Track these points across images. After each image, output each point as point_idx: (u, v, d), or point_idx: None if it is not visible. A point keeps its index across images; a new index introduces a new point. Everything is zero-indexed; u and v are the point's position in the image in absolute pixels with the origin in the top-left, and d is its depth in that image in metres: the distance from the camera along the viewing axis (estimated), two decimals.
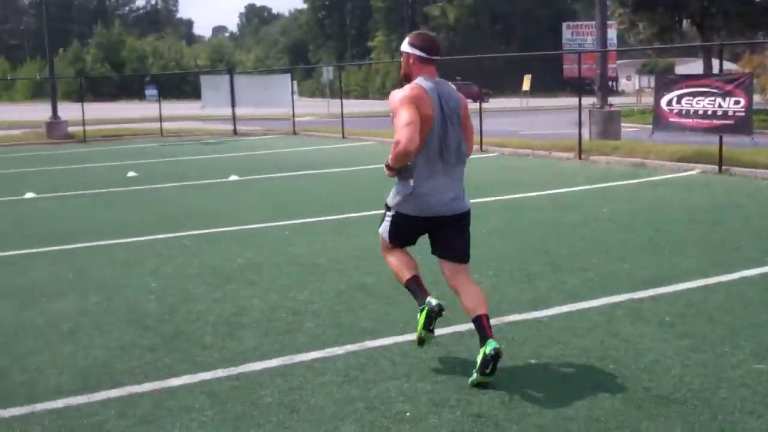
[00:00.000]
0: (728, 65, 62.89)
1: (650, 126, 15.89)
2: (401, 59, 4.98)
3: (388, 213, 5.19)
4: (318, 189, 13.22)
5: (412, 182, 4.86)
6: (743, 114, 13.20)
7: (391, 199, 5.08)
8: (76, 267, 7.88)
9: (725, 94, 13.34)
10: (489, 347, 4.59)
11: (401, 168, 4.82)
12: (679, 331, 5.56)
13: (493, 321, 5.76)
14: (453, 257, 5.12)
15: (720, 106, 13.41)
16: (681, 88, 14.12)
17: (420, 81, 4.83)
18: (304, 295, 6.64)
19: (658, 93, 14.64)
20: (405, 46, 4.94)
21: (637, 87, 68.09)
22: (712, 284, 6.77)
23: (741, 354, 5.10)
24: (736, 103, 13.19)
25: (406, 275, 5.17)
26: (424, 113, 4.70)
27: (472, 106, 19.65)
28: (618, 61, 70.66)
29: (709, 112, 13.61)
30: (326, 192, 12.80)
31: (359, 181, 14.06)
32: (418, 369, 4.96)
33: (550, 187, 12.64)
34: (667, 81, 14.77)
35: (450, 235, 5.08)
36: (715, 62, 19.66)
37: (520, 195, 11.93)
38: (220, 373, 4.95)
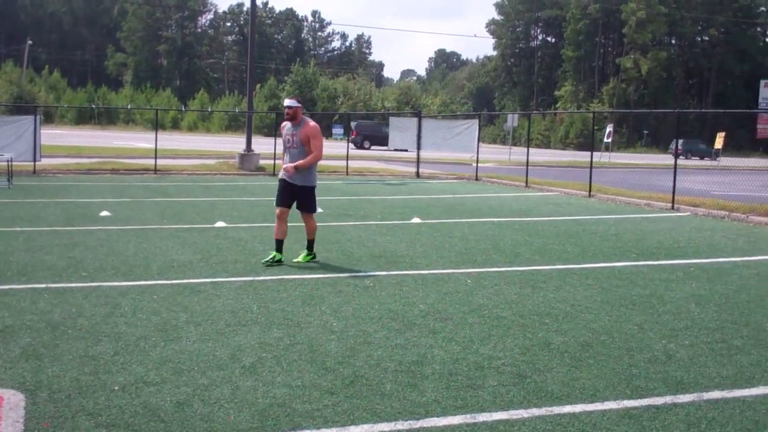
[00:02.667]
0: None
1: None
2: (293, 107, 9.80)
3: (314, 192, 10.04)
4: (501, 237, 12.96)
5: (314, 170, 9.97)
6: None
7: (311, 181, 9.97)
8: (260, 299, 7.98)
9: None
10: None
11: (311, 166, 9.85)
12: None
13: (691, 397, 5.39)
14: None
15: None
16: None
17: (309, 118, 9.98)
18: (487, 349, 6.41)
19: None
20: (294, 102, 9.85)
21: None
22: None
23: None
24: None
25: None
26: None
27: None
28: None
29: None
30: (510, 241, 12.52)
31: (543, 232, 13.70)
32: None
33: (750, 254, 11.83)
34: None
35: None
36: None
37: (718, 260, 11.22)
38: (400, 425, 4.78)
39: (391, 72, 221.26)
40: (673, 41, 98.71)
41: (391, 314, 7.49)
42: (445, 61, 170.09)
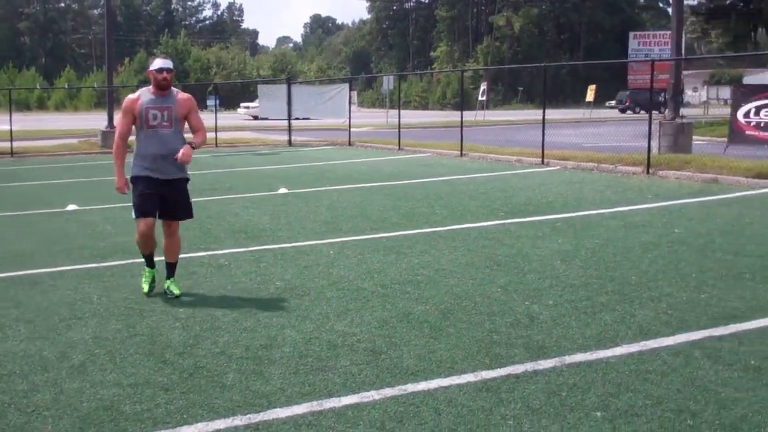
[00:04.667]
0: None
1: (720, 139, 14.96)
2: (172, 71, 6.97)
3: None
4: (369, 203, 12.59)
5: None
6: None
7: (186, 170, 7.14)
8: (102, 288, 7.36)
9: None
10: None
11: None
12: (767, 378, 4.80)
13: (552, 362, 5.12)
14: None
15: None
16: (760, 99, 13.18)
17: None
18: (343, 326, 6.01)
19: (735, 104, 13.71)
20: (171, 65, 7.02)
21: (703, 99, 66.16)
22: None
23: None
24: None
25: None
26: None
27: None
28: (684, 72, 68.86)
29: None
30: (378, 207, 12.16)
31: (412, 196, 13.40)
32: (466, 420, 4.27)
33: (617, 205, 11.82)
34: (744, 92, 13.83)
35: None
36: None
37: (585, 212, 11.15)
38: (238, 421, 4.33)
39: (266, 40, 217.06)
40: None
41: (244, 294, 7.02)
42: (321, 27, 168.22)
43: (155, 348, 5.58)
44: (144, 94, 6.95)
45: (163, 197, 6.90)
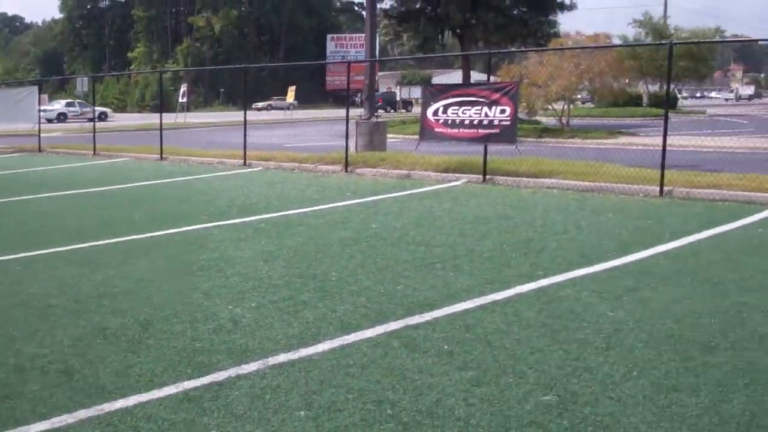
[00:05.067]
0: (479, 76, 65.70)
1: (413, 137, 15.77)
2: None
3: None
4: (62, 213, 11.89)
5: None
6: (509, 123, 13.27)
7: None
8: None
9: (492, 103, 13.35)
10: None
11: None
12: (459, 361, 5.08)
13: (255, 365, 5.08)
14: None
15: (486, 115, 13.41)
16: (447, 98, 14.00)
17: None
18: (32, 348, 5.58)
19: (425, 103, 14.46)
20: None
21: (397, 98, 69.67)
22: (487, 304, 6.41)
23: (526, 385, 4.68)
24: (502, 112, 13.23)
25: None
26: None
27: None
28: (379, 73, 71.95)
29: (476, 122, 13.58)
30: (74, 215, 11.52)
31: (110, 203, 12.84)
32: None
33: (319, 203, 12.06)
34: (433, 91, 14.63)
35: None
36: (474, 74, 19.93)
37: (288, 212, 11.25)
38: None
39: None
40: None
41: None
42: (8, 26, 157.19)
43: None
44: None
45: None
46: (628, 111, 40.84)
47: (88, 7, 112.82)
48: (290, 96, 51.47)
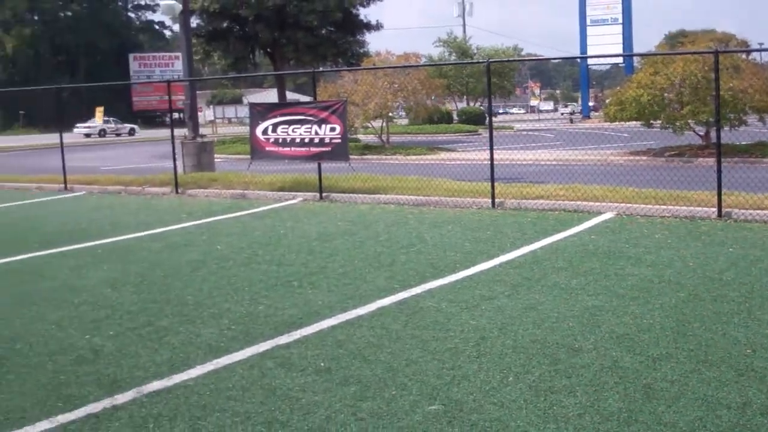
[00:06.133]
0: (293, 95, 65.80)
1: (239, 156, 15.60)
2: None
3: None
4: None
5: None
6: (339, 141, 13.38)
7: None
8: None
9: (321, 122, 13.42)
10: None
11: None
12: (338, 377, 5.10)
13: (130, 394, 4.91)
14: None
15: (317, 133, 13.46)
16: (276, 117, 13.95)
17: None
18: None
19: (253, 122, 14.34)
20: None
21: (210, 118, 68.63)
22: (353, 319, 6.46)
23: (409, 396, 4.76)
24: (332, 129, 13.32)
25: None
26: None
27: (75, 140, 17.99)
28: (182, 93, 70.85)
29: (307, 140, 13.61)
30: None
31: None
32: None
33: (154, 227, 11.69)
34: (261, 110, 14.53)
35: None
36: (289, 94, 19.97)
37: (124, 237, 10.85)
38: None
39: None
40: (36, 17, 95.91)
41: None
42: None
43: None
44: None
45: None
46: (441, 128, 42.09)
47: None
48: (99, 117, 49.63)
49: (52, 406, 4.78)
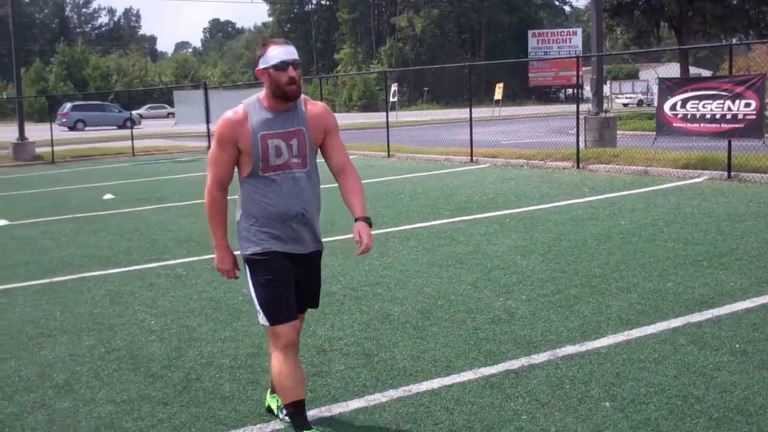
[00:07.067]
0: (696, 70, 62.93)
1: (637, 132, 15.32)
2: (299, 77, 3.98)
3: None
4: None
5: None
6: (754, 117, 12.68)
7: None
8: (62, 303, 7.10)
9: (735, 97, 12.82)
10: None
11: None
12: (755, 360, 4.95)
13: (545, 355, 5.16)
14: None
15: (729, 109, 12.88)
16: (686, 92, 13.56)
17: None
18: (325, 330, 5.94)
19: (662, 97, 14.07)
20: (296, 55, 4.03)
21: (606, 93, 67.88)
22: None
23: None
24: (747, 105, 12.66)
25: None
26: None
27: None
28: (582, 68, 70.65)
29: (718, 116, 13.08)
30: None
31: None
32: (479, 418, 4.25)
33: (557, 199, 12.01)
34: (670, 85, 14.20)
35: None
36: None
37: (529, 208, 11.29)
38: (250, 431, 4.24)
39: (165, 45, 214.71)
40: None
41: (213, 304, 6.86)
42: (221, 31, 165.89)
43: (138, 362, 5.41)
44: (254, 110, 4.00)
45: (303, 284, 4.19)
46: None
47: (296, 10, 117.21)
48: (498, 93, 51.30)
49: (474, 359, 5.20)
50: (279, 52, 3.93)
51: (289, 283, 4.01)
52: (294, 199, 4.03)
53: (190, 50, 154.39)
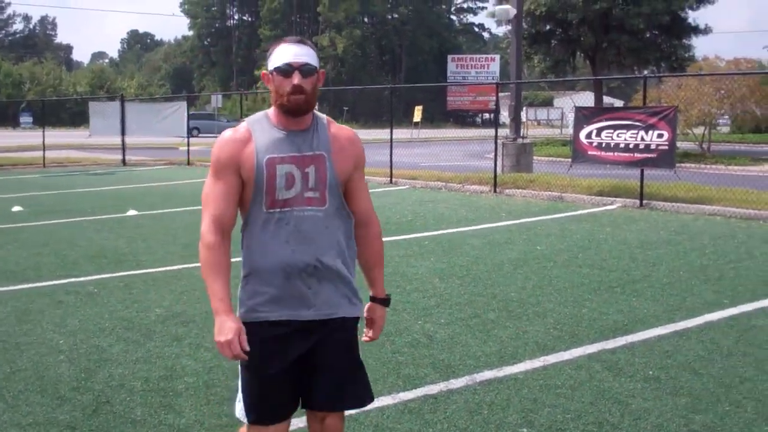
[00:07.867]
0: (609, 99, 64.52)
1: (552, 159, 15.62)
2: (315, 69, 3.10)
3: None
4: None
5: None
6: (667, 147, 13.04)
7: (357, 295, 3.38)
8: None
9: (648, 128, 13.17)
10: None
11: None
12: (668, 387, 5.04)
13: (464, 380, 5.17)
14: None
15: (643, 139, 13.23)
16: (601, 121, 13.89)
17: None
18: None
19: (578, 126, 14.38)
20: (315, 57, 3.13)
21: (523, 119, 69.06)
22: (680, 330, 6.32)
23: (744, 414, 4.60)
24: (660, 136, 13.02)
25: None
26: None
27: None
28: (500, 94, 71.74)
29: (631, 146, 13.42)
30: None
31: None
32: None
33: (475, 223, 12.11)
34: (587, 114, 14.53)
35: None
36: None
37: (447, 231, 11.35)
38: None
39: (81, 55, 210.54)
40: (366, 20, 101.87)
41: (125, 323, 6.66)
42: (139, 42, 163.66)
43: (45, 384, 5.21)
44: (260, 127, 3.12)
45: (306, 360, 3.11)
46: (766, 137, 39.34)
47: (217, 25, 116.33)
48: (417, 116, 51.73)
49: (393, 383, 5.16)
50: (286, 53, 3.04)
51: (284, 369, 3.02)
52: (303, 245, 2.98)
53: (107, 61, 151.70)
